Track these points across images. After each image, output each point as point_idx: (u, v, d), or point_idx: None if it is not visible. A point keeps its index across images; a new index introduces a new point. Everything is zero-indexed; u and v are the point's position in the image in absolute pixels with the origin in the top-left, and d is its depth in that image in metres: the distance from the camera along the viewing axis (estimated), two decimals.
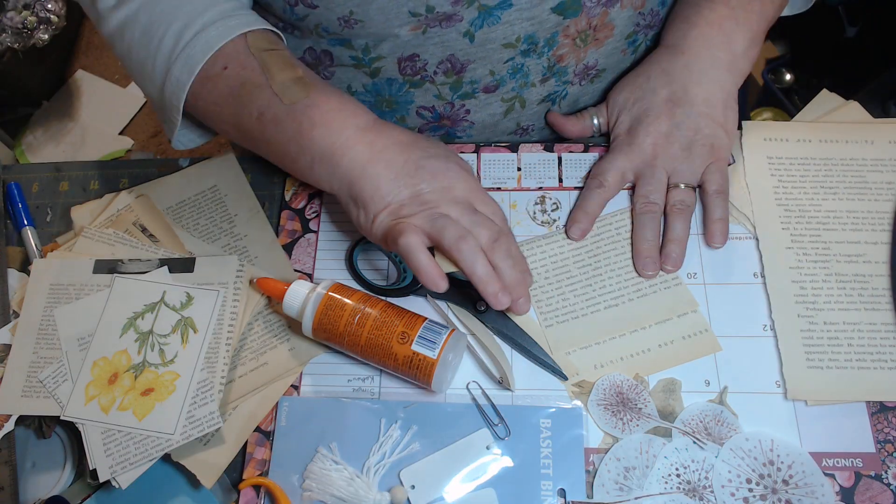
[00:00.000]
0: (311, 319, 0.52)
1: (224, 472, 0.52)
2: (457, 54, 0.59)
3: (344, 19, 0.56)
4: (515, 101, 0.65)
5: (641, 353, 0.54)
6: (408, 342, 0.50)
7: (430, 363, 0.50)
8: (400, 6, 0.54)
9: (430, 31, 0.57)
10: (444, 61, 0.60)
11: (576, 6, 0.58)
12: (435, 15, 0.55)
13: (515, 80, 0.63)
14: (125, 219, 0.62)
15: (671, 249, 0.57)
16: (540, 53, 0.61)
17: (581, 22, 0.59)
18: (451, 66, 0.60)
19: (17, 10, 1.55)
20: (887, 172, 0.60)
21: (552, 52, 0.61)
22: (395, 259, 0.59)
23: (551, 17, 0.58)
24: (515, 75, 0.62)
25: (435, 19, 0.56)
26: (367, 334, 0.51)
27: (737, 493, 0.49)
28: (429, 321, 0.52)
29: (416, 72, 0.61)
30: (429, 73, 0.61)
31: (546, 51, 0.61)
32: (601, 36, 0.62)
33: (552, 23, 0.58)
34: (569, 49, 0.62)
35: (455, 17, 0.56)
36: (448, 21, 0.56)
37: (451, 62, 0.60)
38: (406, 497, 0.50)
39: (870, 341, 0.53)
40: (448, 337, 0.51)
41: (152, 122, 1.82)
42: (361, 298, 0.53)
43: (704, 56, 0.59)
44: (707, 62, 0.59)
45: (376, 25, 0.56)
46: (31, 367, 0.55)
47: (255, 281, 0.57)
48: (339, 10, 0.55)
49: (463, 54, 0.59)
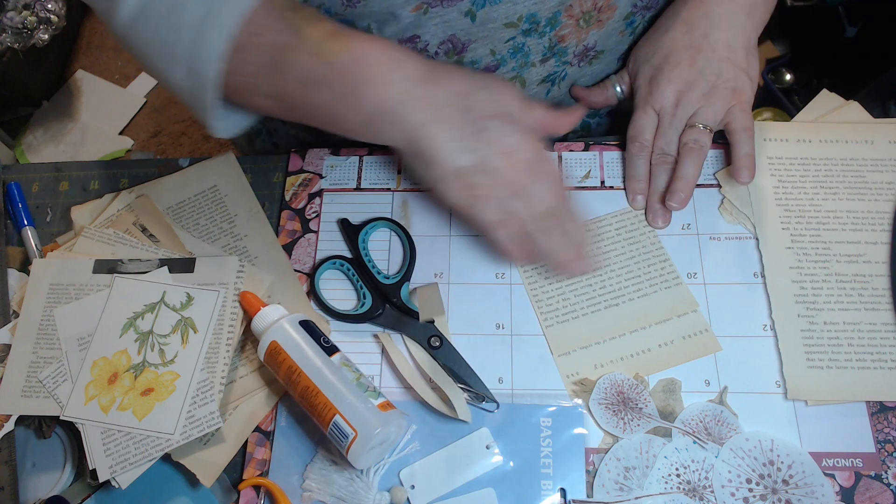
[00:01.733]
0: (264, 350, 0.52)
1: (224, 472, 0.52)
2: (458, 34, 0.59)
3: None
4: (516, 80, 0.65)
5: (642, 353, 0.54)
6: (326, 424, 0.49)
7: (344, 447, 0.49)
8: None
9: (432, 10, 0.56)
10: (445, 42, 0.59)
11: None
12: None
13: (516, 59, 0.63)
14: (125, 219, 0.62)
15: (678, 186, 0.57)
16: (542, 33, 0.61)
17: (586, 2, 0.59)
18: (452, 46, 0.59)
19: (17, 10, 1.55)
20: (887, 172, 0.60)
21: (554, 31, 0.61)
22: (357, 284, 0.58)
23: None
24: (516, 55, 0.62)
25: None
26: (299, 393, 0.50)
27: (737, 493, 0.49)
28: (334, 423, 0.49)
29: (418, 52, 0.61)
30: (430, 53, 0.60)
31: (548, 30, 0.61)
32: (604, 17, 0.61)
33: (555, 2, 0.58)
34: (571, 29, 0.61)
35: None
36: (450, 0, 0.56)
37: (453, 42, 0.59)
38: (406, 497, 0.50)
39: (870, 341, 0.53)
40: (353, 441, 0.48)
41: (152, 122, 1.83)
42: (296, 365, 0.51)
43: (724, 2, 0.59)
44: (726, 7, 0.59)
45: (378, 3, 0.55)
46: (31, 367, 0.55)
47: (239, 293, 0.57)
48: None
49: (464, 34, 0.59)
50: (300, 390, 0.50)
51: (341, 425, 0.48)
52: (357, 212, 0.62)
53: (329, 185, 0.63)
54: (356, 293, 0.59)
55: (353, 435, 0.47)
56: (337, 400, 0.48)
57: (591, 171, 0.62)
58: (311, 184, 0.64)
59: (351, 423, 0.48)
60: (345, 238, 0.61)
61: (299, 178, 0.64)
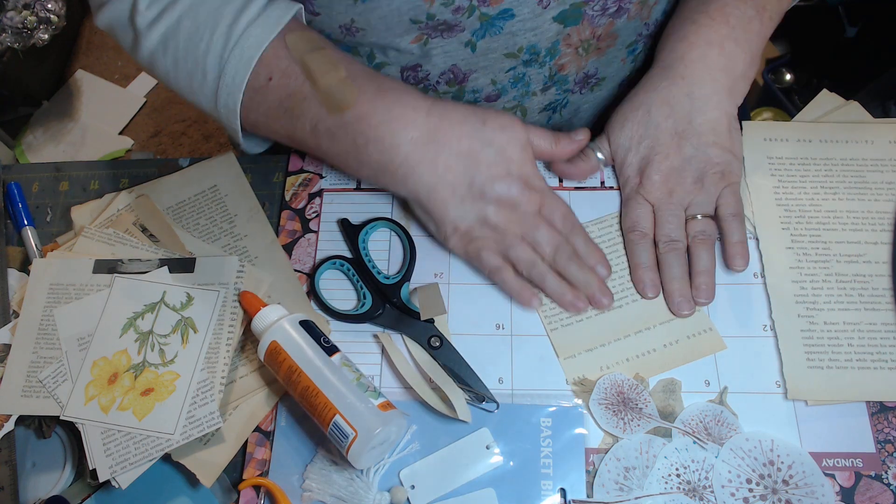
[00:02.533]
0: (264, 350, 0.52)
1: (224, 472, 0.52)
2: (459, 64, 0.59)
3: (346, 27, 0.56)
4: (517, 109, 0.65)
5: (647, 354, 0.54)
6: (326, 424, 0.49)
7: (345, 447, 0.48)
8: (401, 15, 0.54)
9: (432, 41, 0.57)
10: (446, 72, 0.60)
11: (576, 15, 0.57)
12: (436, 23, 0.55)
13: (517, 88, 0.63)
14: (125, 219, 0.62)
15: (702, 281, 0.55)
16: (542, 63, 0.61)
17: (584, 31, 0.59)
18: (453, 76, 0.60)
19: (17, 10, 1.55)
20: (887, 172, 0.60)
21: (554, 61, 0.61)
22: (357, 284, 0.58)
23: (553, 26, 0.58)
24: (517, 84, 0.62)
25: (436, 29, 0.56)
26: (299, 393, 0.50)
27: (737, 493, 0.49)
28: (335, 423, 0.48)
29: (419, 81, 0.61)
30: (431, 82, 0.61)
31: (548, 60, 0.61)
32: (603, 45, 0.62)
33: (553, 32, 0.58)
34: (570, 58, 0.61)
35: (457, 28, 0.56)
36: (450, 31, 0.56)
37: (454, 72, 0.60)
38: (406, 497, 0.50)
39: (870, 341, 0.53)
40: (353, 441, 0.48)
41: (152, 122, 1.83)
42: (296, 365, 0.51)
43: (706, 81, 0.56)
44: (709, 88, 0.56)
45: (378, 34, 0.56)
46: (31, 367, 0.55)
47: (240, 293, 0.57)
48: (340, 18, 0.55)
49: (465, 64, 0.59)
50: (300, 390, 0.50)
51: (341, 425, 0.48)
52: (357, 212, 0.62)
53: (329, 184, 0.63)
54: (356, 293, 0.59)
55: (354, 435, 0.47)
56: (337, 400, 0.48)
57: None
58: (312, 184, 0.64)
59: (351, 423, 0.48)
60: (345, 238, 0.61)
61: (299, 177, 0.64)
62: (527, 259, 0.55)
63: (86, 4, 0.58)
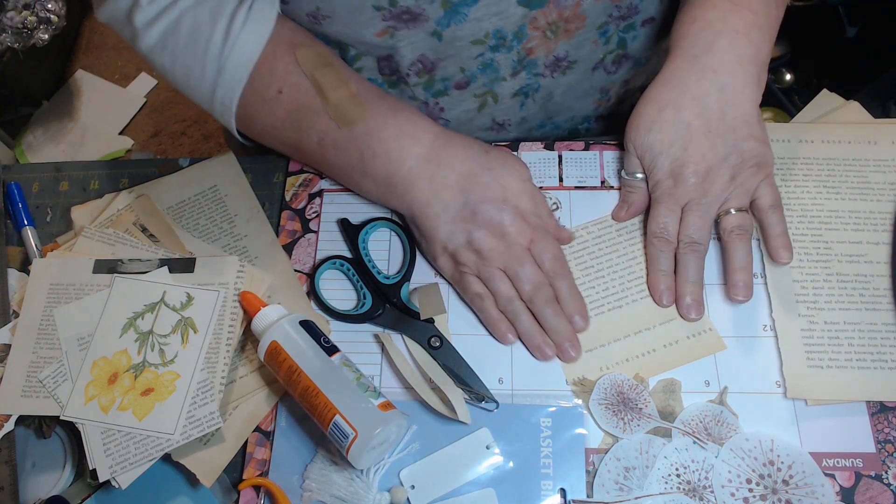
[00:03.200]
0: (264, 350, 0.52)
1: (224, 472, 0.52)
2: (427, 54, 0.59)
3: (312, 15, 0.56)
4: (487, 96, 0.65)
5: (647, 354, 0.54)
6: (326, 424, 0.49)
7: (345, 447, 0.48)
8: (364, 1, 0.54)
9: (398, 34, 0.57)
10: (415, 62, 0.60)
11: None
12: (399, 11, 0.55)
13: (486, 75, 0.63)
14: (125, 219, 0.62)
15: (739, 279, 0.54)
16: (509, 48, 0.60)
17: (551, 13, 0.58)
18: (422, 66, 0.60)
19: (17, 10, 1.55)
20: (889, 173, 0.60)
21: (521, 45, 0.60)
22: (357, 284, 0.58)
23: (518, 9, 0.57)
24: (485, 70, 0.62)
25: (401, 20, 0.55)
26: (299, 394, 0.50)
27: (737, 493, 0.49)
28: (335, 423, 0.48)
29: (392, 72, 0.61)
30: (402, 73, 0.61)
31: (515, 44, 0.60)
32: (572, 27, 0.60)
33: (519, 15, 0.57)
34: (538, 41, 0.61)
35: (421, 17, 0.55)
36: (414, 22, 0.56)
37: (423, 62, 0.60)
38: (406, 497, 0.50)
39: (870, 341, 0.53)
40: (353, 441, 0.48)
41: (152, 123, 1.83)
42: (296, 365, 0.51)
43: (738, 74, 0.54)
44: (741, 80, 0.54)
45: (343, 22, 0.56)
46: (31, 367, 0.55)
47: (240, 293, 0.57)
48: (306, 6, 0.55)
49: (433, 53, 0.59)
50: (300, 390, 0.50)
51: (341, 425, 0.48)
52: (357, 212, 0.62)
53: (329, 184, 0.63)
54: (356, 293, 0.59)
55: (354, 435, 0.47)
56: (337, 400, 0.48)
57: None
58: (312, 184, 0.64)
59: (351, 423, 0.48)
60: (345, 238, 0.61)
61: (299, 178, 0.64)
62: (504, 293, 0.54)
63: (86, 4, 0.58)
